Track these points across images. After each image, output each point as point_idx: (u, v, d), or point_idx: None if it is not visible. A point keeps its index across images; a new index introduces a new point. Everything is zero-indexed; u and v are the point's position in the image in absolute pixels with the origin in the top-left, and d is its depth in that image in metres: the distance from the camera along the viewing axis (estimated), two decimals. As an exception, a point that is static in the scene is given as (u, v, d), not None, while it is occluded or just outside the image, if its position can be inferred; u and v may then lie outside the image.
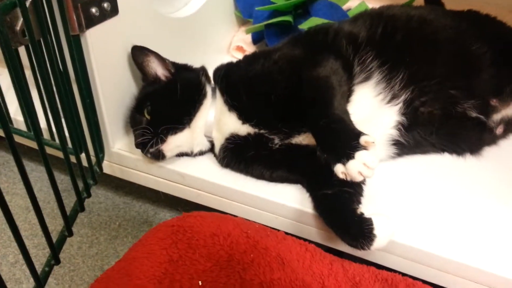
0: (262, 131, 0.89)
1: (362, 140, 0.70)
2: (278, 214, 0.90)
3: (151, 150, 0.89)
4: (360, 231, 0.74)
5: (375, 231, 0.73)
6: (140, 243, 0.75)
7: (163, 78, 0.97)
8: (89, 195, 0.91)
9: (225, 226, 0.75)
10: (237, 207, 0.94)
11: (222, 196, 0.95)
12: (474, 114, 0.96)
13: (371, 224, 0.74)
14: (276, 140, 0.89)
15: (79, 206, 0.88)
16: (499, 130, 1.03)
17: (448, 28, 1.00)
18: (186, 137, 0.93)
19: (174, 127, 0.90)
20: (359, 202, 0.84)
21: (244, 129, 0.91)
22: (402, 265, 0.82)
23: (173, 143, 0.91)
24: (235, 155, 0.93)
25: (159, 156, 0.90)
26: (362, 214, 0.77)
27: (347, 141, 0.71)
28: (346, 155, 0.69)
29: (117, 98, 0.98)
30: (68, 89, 0.87)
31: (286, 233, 0.81)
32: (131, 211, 1.21)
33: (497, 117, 1.02)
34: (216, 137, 0.96)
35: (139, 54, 0.96)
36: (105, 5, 0.86)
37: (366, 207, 0.83)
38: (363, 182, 0.87)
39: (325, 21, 1.26)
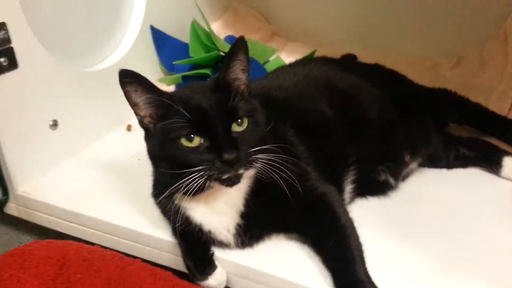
0: None
1: None
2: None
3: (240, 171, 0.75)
4: None
5: None
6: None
7: None
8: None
9: (65, 251, 0.82)
10: (129, 245, 0.98)
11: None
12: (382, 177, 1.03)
13: None
14: None
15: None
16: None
17: (374, 100, 1.05)
18: None
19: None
20: None
21: None
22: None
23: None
24: None
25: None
26: None
27: None
28: None
29: (22, 145, 1.06)
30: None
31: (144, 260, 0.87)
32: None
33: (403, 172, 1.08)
34: None
35: None
36: (2, 60, 0.96)
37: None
38: None
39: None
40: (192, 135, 0.73)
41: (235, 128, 0.76)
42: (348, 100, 1.03)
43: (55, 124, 1.13)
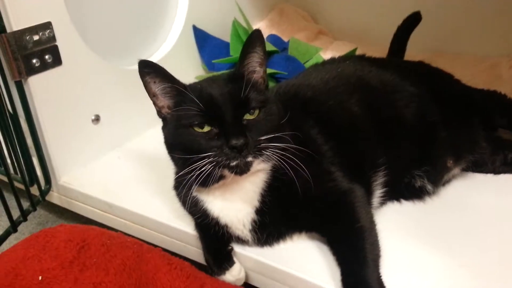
0: None
1: None
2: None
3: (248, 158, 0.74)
4: None
5: None
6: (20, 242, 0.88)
7: None
8: (25, 219, 1.04)
9: (85, 235, 0.86)
10: (157, 237, 1.01)
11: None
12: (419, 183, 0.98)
13: None
14: None
15: (12, 228, 1.01)
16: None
17: (411, 99, 1.00)
18: None
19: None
20: None
21: None
22: None
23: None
24: None
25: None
26: None
27: None
28: None
29: (65, 138, 1.12)
30: (14, 126, 1.02)
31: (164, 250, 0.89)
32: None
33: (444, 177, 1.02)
34: None
35: None
36: (47, 57, 1.03)
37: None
38: None
39: (280, 72, 1.36)
40: (203, 124, 0.75)
41: (247, 116, 0.76)
42: (380, 99, 0.99)
43: (97, 119, 1.19)
